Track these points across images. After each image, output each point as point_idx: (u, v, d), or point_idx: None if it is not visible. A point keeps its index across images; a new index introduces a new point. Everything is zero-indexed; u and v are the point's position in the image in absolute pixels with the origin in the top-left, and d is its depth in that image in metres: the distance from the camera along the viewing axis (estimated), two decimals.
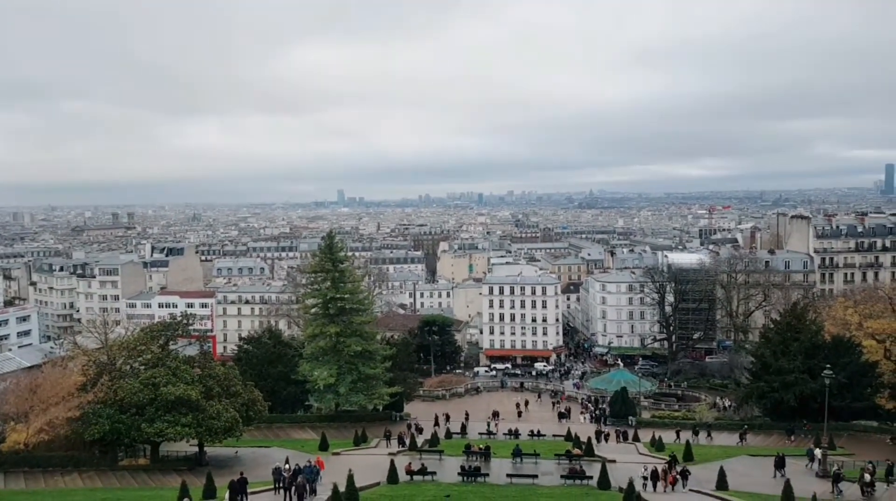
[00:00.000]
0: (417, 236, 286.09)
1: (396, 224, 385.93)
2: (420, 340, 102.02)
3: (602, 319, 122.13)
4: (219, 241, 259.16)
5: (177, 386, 44.45)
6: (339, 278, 65.57)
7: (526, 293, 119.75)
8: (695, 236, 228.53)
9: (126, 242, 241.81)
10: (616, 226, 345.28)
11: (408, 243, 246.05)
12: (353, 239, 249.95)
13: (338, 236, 72.21)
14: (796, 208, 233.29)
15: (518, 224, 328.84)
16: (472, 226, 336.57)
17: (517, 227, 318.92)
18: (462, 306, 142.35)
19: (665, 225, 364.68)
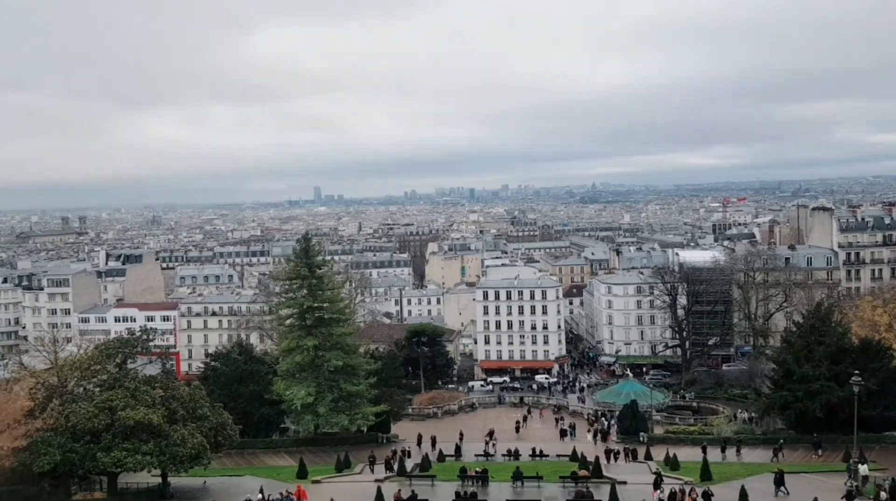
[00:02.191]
0: (403, 236, 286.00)
1: (380, 224, 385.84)
2: (408, 352, 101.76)
3: (608, 325, 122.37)
4: (182, 246, 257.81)
5: (136, 410, 43.98)
6: (316, 285, 65.27)
7: (524, 298, 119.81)
8: (708, 231, 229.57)
9: (78, 249, 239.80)
10: (621, 222, 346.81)
11: (392, 245, 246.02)
12: (332, 241, 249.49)
13: (314, 239, 72.02)
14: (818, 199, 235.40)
15: (514, 222, 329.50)
16: (464, 225, 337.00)
17: (513, 225, 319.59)
18: (454, 314, 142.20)
19: (675, 220, 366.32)
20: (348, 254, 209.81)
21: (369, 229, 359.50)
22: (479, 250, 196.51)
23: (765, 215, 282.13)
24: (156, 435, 43.98)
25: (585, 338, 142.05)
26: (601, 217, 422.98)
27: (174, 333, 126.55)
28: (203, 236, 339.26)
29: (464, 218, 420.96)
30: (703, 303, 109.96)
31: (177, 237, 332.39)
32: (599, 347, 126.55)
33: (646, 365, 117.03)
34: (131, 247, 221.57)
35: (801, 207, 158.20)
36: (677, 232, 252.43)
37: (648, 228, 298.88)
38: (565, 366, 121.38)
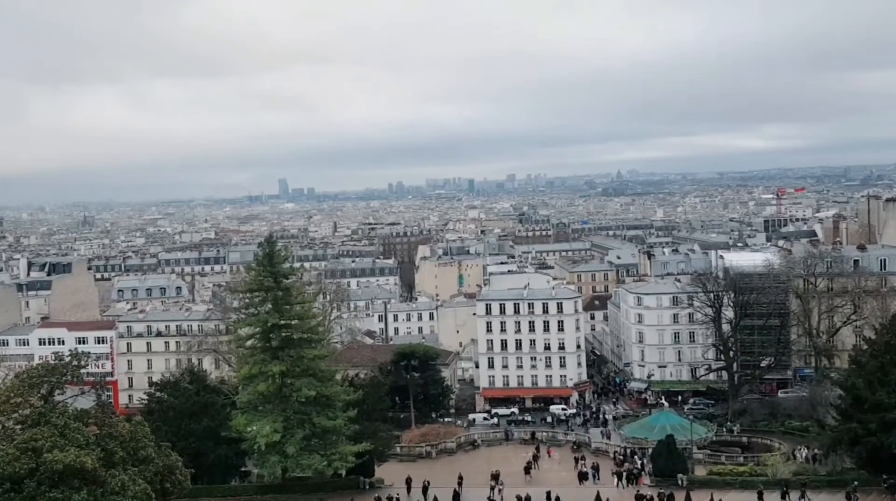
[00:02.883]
0: (388, 238, 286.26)
1: (360, 223, 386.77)
2: (395, 379, 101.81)
3: (638, 343, 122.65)
4: (120, 252, 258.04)
5: (66, 451, 43.94)
6: (282, 298, 65.27)
7: (536, 312, 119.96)
8: (759, 228, 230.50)
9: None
10: (654, 218, 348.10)
11: (375, 249, 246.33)
12: (302, 245, 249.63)
13: (280, 242, 72.05)
14: (893, 189, 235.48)
15: (523, 219, 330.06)
16: (462, 223, 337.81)
17: (521, 223, 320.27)
18: (450, 332, 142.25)
19: (719, 215, 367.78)
20: (321, 260, 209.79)
21: (347, 230, 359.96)
22: (480, 255, 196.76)
23: (828, 209, 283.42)
24: (89, 482, 43.91)
25: (610, 360, 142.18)
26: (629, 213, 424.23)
27: (111, 357, 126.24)
28: (145, 239, 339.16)
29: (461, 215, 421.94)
30: (754, 316, 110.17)
31: (113, 242, 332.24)
32: (628, 370, 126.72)
33: (684, 392, 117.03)
34: (58, 254, 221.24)
35: (872, 198, 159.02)
36: (722, 230, 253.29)
37: (686, 225, 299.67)
38: (586, 394, 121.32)
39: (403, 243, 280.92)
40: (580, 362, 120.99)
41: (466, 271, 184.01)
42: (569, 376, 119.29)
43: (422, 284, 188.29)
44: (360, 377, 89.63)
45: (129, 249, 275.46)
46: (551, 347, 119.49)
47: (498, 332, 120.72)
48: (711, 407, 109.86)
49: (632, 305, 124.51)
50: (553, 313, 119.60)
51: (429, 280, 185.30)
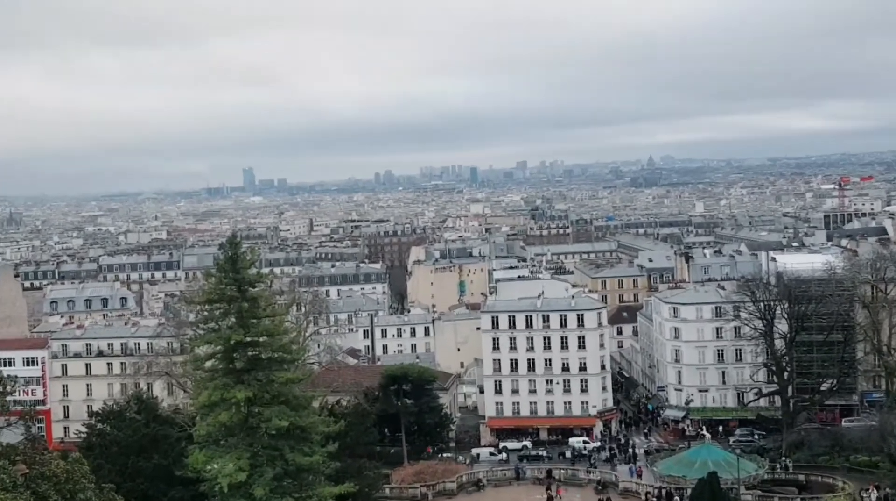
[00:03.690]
0: (375, 238, 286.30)
1: (341, 221, 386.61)
2: (383, 407, 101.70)
3: (674, 363, 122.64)
4: (53, 256, 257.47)
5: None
6: (248, 310, 65.18)
7: (552, 326, 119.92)
8: (818, 225, 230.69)
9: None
10: (692, 213, 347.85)
11: (359, 251, 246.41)
12: (272, 246, 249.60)
13: (246, 243, 71.96)
14: None
15: (536, 215, 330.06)
16: (463, 220, 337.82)
17: (534, 219, 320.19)
18: (450, 351, 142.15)
19: (770, 210, 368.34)
20: (295, 265, 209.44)
21: (325, 229, 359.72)
22: (485, 257, 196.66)
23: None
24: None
25: (641, 383, 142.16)
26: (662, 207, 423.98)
27: (43, 382, 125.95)
28: (84, 240, 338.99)
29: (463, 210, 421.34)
30: (813, 330, 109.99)
31: (45, 244, 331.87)
32: (662, 395, 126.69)
33: (730, 421, 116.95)
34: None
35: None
36: (773, 227, 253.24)
37: (731, 221, 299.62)
38: (612, 424, 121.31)
39: (393, 243, 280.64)
40: (605, 385, 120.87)
41: (469, 278, 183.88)
42: (591, 402, 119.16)
43: (415, 293, 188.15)
44: (342, 404, 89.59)
45: (65, 252, 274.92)
46: (570, 368, 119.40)
47: (507, 350, 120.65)
48: (762, 439, 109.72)
49: (666, 317, 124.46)
50: (572, 327, 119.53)
51: (424, 288, 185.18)
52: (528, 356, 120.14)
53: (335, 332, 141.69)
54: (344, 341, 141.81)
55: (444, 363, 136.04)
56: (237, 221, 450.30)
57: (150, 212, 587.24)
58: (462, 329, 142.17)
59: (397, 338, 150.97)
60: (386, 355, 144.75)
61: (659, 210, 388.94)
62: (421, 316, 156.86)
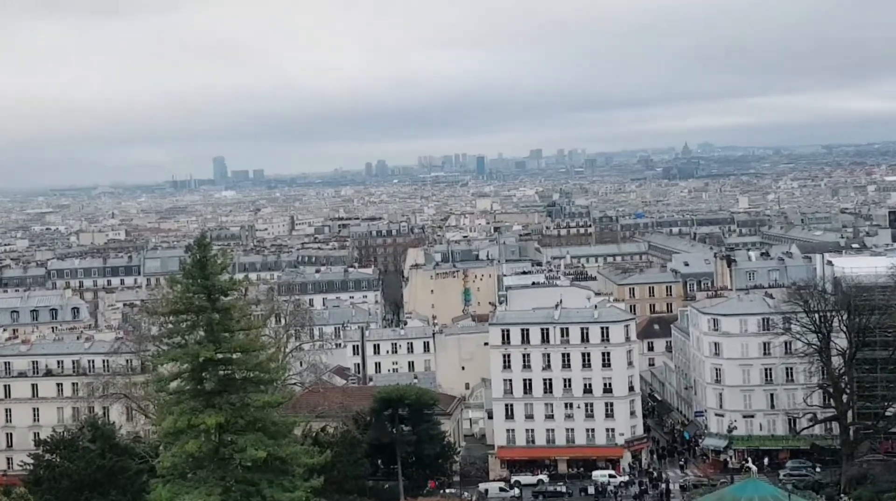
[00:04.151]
0: (366, 238, 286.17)
1: (326, 219, 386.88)
2: (376, 434, 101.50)
3: (715, 384, 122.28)
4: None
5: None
6: (220, 323, 65.09)
7: (572, 341, 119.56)
8: (882, 223, 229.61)
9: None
10: (735, 209, 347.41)
11: (348, 254, 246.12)
12: (247, 249, 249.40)
13: (217, 245, 71.87)
14: None
15: (553, 212, 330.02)
16: (469, 218, 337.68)
17: (551, 217, 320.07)
18: (453, 369, 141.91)
19: (826, 205, 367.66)
20: (274, 270, 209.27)
21: (308, 228, 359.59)
22: (494, 261, 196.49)
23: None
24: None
25: (676, 407, 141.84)
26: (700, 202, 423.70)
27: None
28: (29, 242, 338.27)
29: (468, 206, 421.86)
30: (877, 346, 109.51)
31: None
32: (700, 421, 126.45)
33: (780, 452, 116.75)
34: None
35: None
36: (830, 226, 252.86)
37: (781, 218, 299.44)
38: (643, 455, 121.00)
39: (387, 245, 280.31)
40: (634, 410, 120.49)
41: (475, 285, 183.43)
42: (618, 430, 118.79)
43: (413, 302, 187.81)
44: (328, 432, 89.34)
45: (7, 255, 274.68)
46: (594, 389, 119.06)
47: (519, 369, 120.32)
48: (817, 473, 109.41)
49: (705, 330, 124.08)
50: (596, 342, 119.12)
51: (422, 297, 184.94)
52: (545, 375, 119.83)
53: (320, 348, 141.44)
54: (330, 358, 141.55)
55: (446, 384, 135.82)
56: (206, 219, 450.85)
57: (105, 209, 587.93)
58: (467, 345, 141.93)
59: (392, 355, 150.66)
60: (379, 374, 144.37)
61: (696, 206, 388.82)
62: (419, 329, 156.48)
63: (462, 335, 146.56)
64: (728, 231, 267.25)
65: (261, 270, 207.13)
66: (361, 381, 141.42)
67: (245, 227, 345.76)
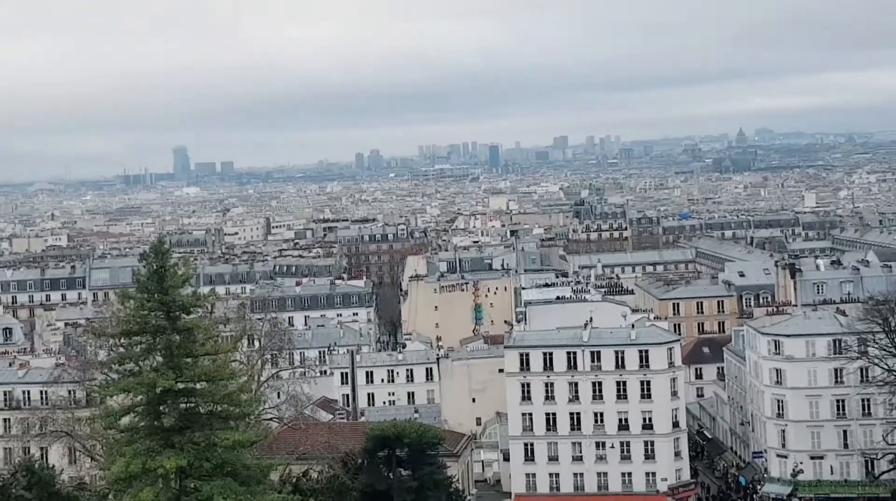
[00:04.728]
0: (356, 244, 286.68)
1: (309, 220, 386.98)
2: (370, 479, 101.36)
3: (777, 419, 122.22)
4: None
5: None
6: (181, 346, 65.20)
7: (604, 367, 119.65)
8: None
9: None
10: (800, 209, 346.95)
11: (335, 263, 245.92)
12: (213, 256, 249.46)
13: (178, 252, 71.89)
14: None
15: (581, 212, 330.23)
16: (480, 219, 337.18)
17: (578, 218, 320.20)
18: (461, 401, 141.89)
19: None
20: (246, 282, 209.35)
21: (287, 231, 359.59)
22: (510, 271, 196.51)
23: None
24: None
25: (730, 447, 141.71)
26: (758, 200, 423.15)
27: None
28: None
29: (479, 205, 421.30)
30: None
31: None
32: (759, 464, 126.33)
33: (855, 500, 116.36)
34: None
35: None
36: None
37: (855, 220, 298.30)
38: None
39: (382, 252, 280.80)
40: (679, 450, 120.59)
41: (488, 299, 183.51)
42: (660, 474, 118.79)
43: (413, 320, 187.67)
44: (312, 477, 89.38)
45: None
46: (630, 425, 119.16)
47: (541, 400, 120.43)
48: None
49: (765, 354, 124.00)
50: (633, 368, 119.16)
51: (425, 314, 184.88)
52: (571, 408, 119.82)
53: (302, 376, 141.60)
54: (314, 388, 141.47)
55: (453, 419, 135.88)
56: (165, 221, 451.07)
57: (43, 209, 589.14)
58: (478, 372, 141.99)
59: (388, 384, 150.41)
60: (372, 407, 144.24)
61: (753, 204, 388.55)
62: (421, 353, 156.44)
63: (472, 360, 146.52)
64: (792, 235, 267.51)
65: (230, 282, 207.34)
66: (351, 416, 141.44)
67: (211, 230, 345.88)
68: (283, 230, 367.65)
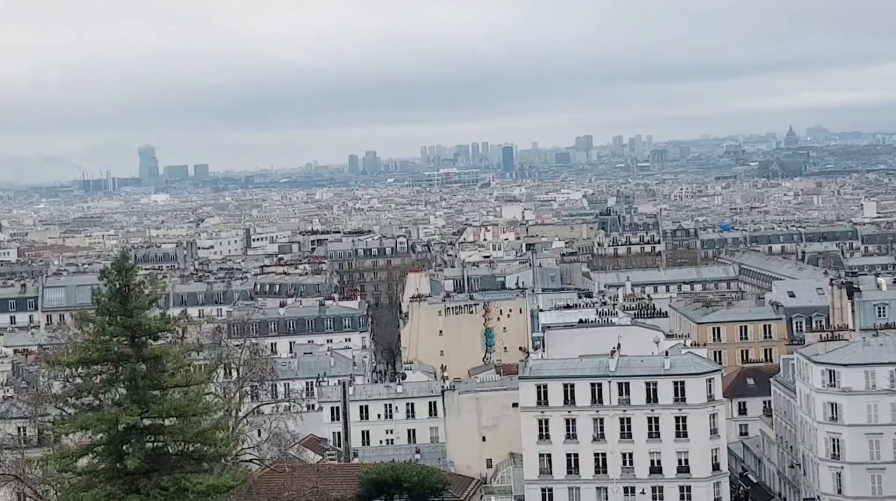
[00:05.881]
0: (349, 259, 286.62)
1: (295, 232, 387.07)
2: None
3: (832, 460, 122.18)
4: None
5: None
6: (148, 376, 65.60)
7: (633, 401, 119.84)
8: None
9: None
10: (859, 219, 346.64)
11: (325, 281, 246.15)
12: (185, 274, 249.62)
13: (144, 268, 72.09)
14: None
15: (606, 224, 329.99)
16: (491, 231, 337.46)
17: (604, 230, 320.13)
18: (469, 440, 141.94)
19: None
20: (222, 303, 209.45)
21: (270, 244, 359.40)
22: (525, 291, 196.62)
23: None
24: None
25: (778, 493, 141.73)
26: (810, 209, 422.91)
27: None
28: None
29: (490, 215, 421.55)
30: None
31: None
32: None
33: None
34: None
35: None
36: None
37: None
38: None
39: (379, 268, 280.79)
40: (719, 497, 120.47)
41: (500, 323, 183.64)
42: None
43: (414, 347, 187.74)
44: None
45: None
46: (664, 468, 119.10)
47: (561, 439, 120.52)
48: None
49: (818, 386, 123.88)
50: (667, 402, 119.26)
51: (428, 340, 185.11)
52: (596, 448, 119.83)
53: (286, 411, 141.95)
54: (301, 425, 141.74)
55: (460, 461, 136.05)
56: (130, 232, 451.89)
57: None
58: (490, 406, 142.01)
59: (386, 420, 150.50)
60: (367, 447, 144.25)
61: (805, 214, 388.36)
62: (423, 385, 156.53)
63: (482, 393, 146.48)
64: (849, 249, 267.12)
65: (204, 303, 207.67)
66: (343, 457, 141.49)
67: (183, 244, 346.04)
68: (265, 244, 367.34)
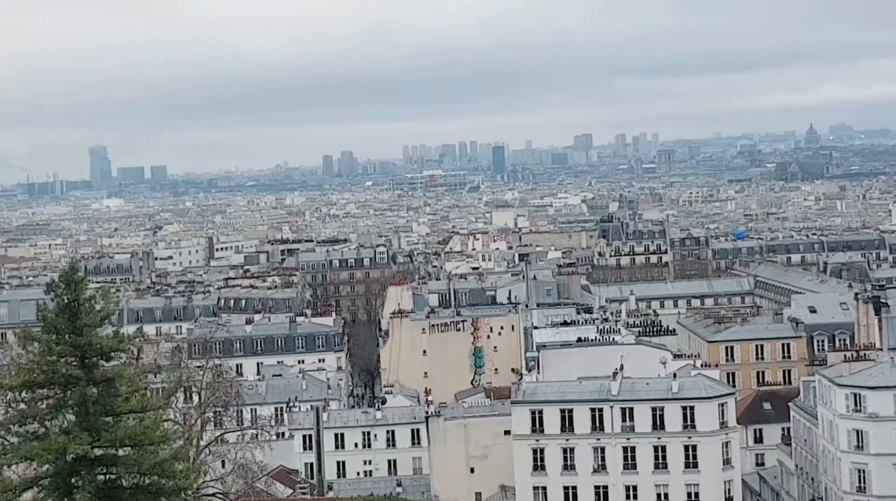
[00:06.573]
0: (323, 271, 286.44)
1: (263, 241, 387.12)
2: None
3: (857, 493, 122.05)
4: None
5: None
6: (99, 400, 65.20)
7: (638, 428, 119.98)
8: None
9: None
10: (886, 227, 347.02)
11: (296, 295, 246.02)
12: (141, 287, 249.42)
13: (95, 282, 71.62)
14: None
15: (608, 231, 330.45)
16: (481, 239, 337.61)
17: (605, 238, 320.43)
18: (456, 471, 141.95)
19: None
20: (182, 320, 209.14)
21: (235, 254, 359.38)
22: (517, 307, 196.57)
23: None
24: None
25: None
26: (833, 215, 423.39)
27: None
28: None
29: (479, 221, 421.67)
30: None
31: None
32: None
33: None
34: None
35: None
36: None
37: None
38: None
39: (357, 281, 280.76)
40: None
41: (490, 342, 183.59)
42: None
43: (396, 369, 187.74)
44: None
45: None
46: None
47: (558, 471, 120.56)
48: None
49: (843, 412, 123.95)
50: (675, 429, 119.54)
51: (410, 361, 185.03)
52: (597, 481, 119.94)
53: (253, 439, 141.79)
54: (269, 455, 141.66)
55: (446, 495, 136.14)
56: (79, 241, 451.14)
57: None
58: (479, 434, 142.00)
59: (364, 450, 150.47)
60: (343, 479, 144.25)
61: (827, 221, 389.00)
62: (406, 411, 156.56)
63: (470, 419, 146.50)
64: (876, 260, 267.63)
65: (162, 320, 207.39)
66: (316, 490, 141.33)
67: (139, 254, 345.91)
68: (229, 254, 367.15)
